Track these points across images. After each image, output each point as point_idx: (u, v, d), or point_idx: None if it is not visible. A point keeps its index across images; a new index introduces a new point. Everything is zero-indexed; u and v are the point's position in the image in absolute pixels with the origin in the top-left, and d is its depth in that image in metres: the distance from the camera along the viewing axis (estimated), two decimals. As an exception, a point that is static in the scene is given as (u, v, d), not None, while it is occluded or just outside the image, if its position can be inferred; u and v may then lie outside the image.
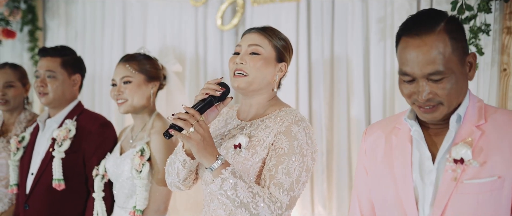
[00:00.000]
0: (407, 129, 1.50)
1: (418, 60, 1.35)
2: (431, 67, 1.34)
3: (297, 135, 1.64)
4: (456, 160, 1.36)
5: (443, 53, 1.34)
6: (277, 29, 1.83)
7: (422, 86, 1.37)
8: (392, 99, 2.67)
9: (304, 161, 1.63)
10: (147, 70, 2.35)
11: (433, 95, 1.37)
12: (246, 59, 1.73)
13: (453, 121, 1.40)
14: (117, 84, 2.33)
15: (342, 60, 2.81)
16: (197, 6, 3.21)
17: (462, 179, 1.35)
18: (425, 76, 1.36)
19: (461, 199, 1.35)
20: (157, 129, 2.28)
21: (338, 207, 2.81)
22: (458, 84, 1.38)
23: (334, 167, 2.83)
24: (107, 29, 3.61)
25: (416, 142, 1.47)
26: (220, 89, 1.69)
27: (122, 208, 2.30)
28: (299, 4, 2.90)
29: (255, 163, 1.65)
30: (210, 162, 1.57)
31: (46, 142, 2.55)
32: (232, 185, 1.54)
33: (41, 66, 2.57)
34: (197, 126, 1.56)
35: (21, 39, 3.89)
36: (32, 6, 3.80)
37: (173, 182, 1.82)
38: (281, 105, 1.80)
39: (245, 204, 1.55)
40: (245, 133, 1.71)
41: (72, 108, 2.61)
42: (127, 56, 2.41)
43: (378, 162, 1.54)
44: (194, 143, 1.55)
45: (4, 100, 2.90)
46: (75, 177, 2.46)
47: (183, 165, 1.73)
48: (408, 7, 2.60)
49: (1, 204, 2.86)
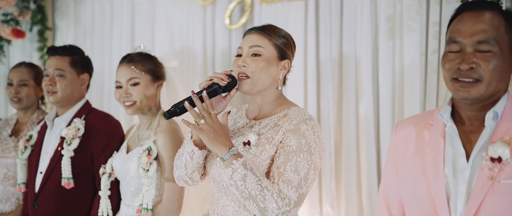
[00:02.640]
0: (441, 125, 1.47)
1: (472, 28, 1.38)
2: (483, 35, 1.36)
3: (305, 133, 1.64)
4: (493, 158, 1.33)
5: (497, 28, 1.38)
6: (277, 27, 1.82)
7: (468, 54, 1.38)
8: (401, 98, 2.66)
9: (312, 159, 1.64)
10: (152, 69, 2.34)
11: (476, 66, 1.36)
12: (248, 61, 1.73)
13: (489, 118, 1.38)
14: (123, 86, 2.30)
15: (350, 59, 2.80)
16: (205, 5, 3.22)
17: (499, 179, 1.32)
18: (474, 43, 1.37)
19: (497, 199, 1.32)
20: (163, 128, 2.28)
21: (346, 206, 2.80)
22: (503, 68, 1.38)
23: (342, 166, 2.83)
24: (115, 29, 3.63)
25: (450, 138, 1.44)
26: (226, 78, 1.71)
27: (129, 206, 2.30)
28: (308, 3, 2.90)
29: (263, 160, 1.66)
30: (223, 152, 1.61)
31: (54, 140, 2.56)
32: (242, 176, 1.57)
33: (50, 65, 2.58)
34: (208, 118, 1.62)
35: (31, 39, 3.92)
36: (42, 6, 3.83)
37: (181, 176, 1.83)
38: (289, 104, 1.81)
39: (253, 197, 1.57)
40: (254, 131, 1.73)
41: (80, 107, 2.62)
42: (129, 56, 2.36)
43: (409, 158, 1.51)
44: (205, 134, 1.61)
45: (17, 98, 2.93)
46: (83, 176, 2.47)
47: (190, 156, 1.75)
48: (417, 6, 2.60)
49: (8, 203, 2.88)
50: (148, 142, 2.24)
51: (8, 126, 3.00)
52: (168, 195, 2.22)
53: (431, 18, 2.56)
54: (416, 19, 2.60)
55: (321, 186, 2.86)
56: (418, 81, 2.59)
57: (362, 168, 2.76)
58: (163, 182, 2.22)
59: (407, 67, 2.63)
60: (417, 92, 2.60)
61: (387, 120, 2.69)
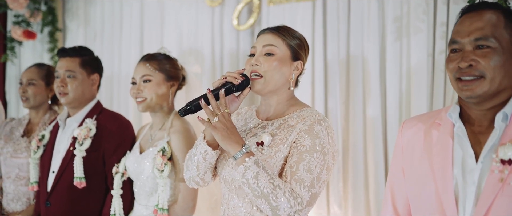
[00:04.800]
0: (449, 125, 1.46)
1: (469, 27, 1.40)
2: (479, 32, 1.38)
3: (319, 134, 1.64)
4: (503, 160, 1.32)
5: (495, 25, 1.38)
6: (291, 28, 1.83)
7: (467, 52, 1.39)
8: (408, 99, 2.66)
9: (325, 159, 1.63)
10: (166, 69, 2.37)
11: (476, 63, 1.37)
12: (261, 60, 1.74)
13: (498, 120, 1.37)
14: (137, 82, 2.36)
15: (358, 60, 2.80)
16: (213, 6, 3.24)
17: (509, 181, 1.30)
18: (472, 41, 1.38)
19: (507, 201, 1.30)
20: (177, 128, 2.30)
21: (354, 206, 2.80)
22: (505, 64, 1.38)
23: (350, 166, 2.83)
24: (125, 30, 3.66)
25: (459, 139, 1.42)
26: (240, 77, 1.71)
27: (144, 206, 2.33)
28: (315, 4, 2.90)
29: (277, 161, 1.66)
30: (235, 150, 1.62)
31: (66, 140, 2.59)
32: (254, 174, 1.57)
33: (60, 66, 2.61)
34: (221, 116, 1.64)
35: (42, 40, 3.97)
36: (52, 7, 3.88)
37: (192, 177, 1.83)
38: (301, 105, 1.81)
39: (265, 195, 1.57)
40: (267, 131, 1.73)
41: (92, 107, 2.65)
42: (148, 55, 2.43)
43: (416, 158, 1.50)
44: (218, 132, 1.63)
45: (24, 97, 2.98)
46: (95, 175, 2.50)
47: (203, 157, 1.75)
48: (424, 6, 2.59)
49: (19, 203, 2.92)
50: (162, 142, 2.27)
51: (20, 126, 3.04)
52: (183, 196, 2.24)
53: (438, 18, 2.56)
54: (423, 20, 2.60)
55: (328, 186, 2.87)
56: (425, 82, 2.59)
57: (370, 168, 2.76)
58: (178, 182, 2.25)
59: (414, 67, 2.62)
60: (424, 92, 2.60)
61: (394, 120, 2.69)
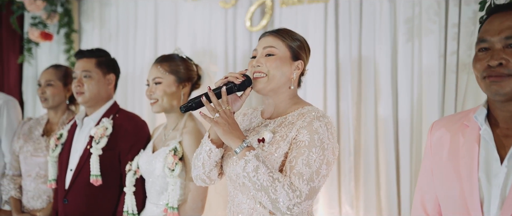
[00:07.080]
0: (476, 128, 1.46)
1: (499, 26, 1.39)
2: (510, 30, 1.37)
3: (318, 129, 1.68)
4: None
5: None
6: (291, 31, 1.88)
7: (497, 50, 1.38)
8: (420, 99, 2.67)
9: (324, 154, 1.67)
10: (178, 71, 2.41)
11: (506, 61, 1.36)
12: (262, 61, 1.80)
13: None
14: (150, 84, 2.41)
15: (369, 61, 2.81)
16: (226, 8, 3.26)
17: None
18: (502, 39, 1.37)
19: None
20: (189, 129, 2.34)
21: (365, 206, 2.81)
22: None
23: (361, 166, 2.84)
24: (139, 31, 3.70)
25: (484, 141, 1.43)
26: (241, 77, 1.77)
27: (154, 204, 2.36)
28: (327, 5, 2.92)
29: (278, 157, 1.71)
30: (236, 144, 1.68)
31: (84, 139, 2.65)
32: (254, 168, 1.63)
33: (77, 67, 2.68)
34: (222, 112, 1.70)
35: (58, 41, 4.03)
36: (68, 9, 3.93)
37: (199, 175, 1.89)
38: (303, 103, 1.86)
39: (264, 188, 1.62)
40: (269, 129, 1.78)
41: (109, 107, 2.71)
42: (161, 57, 2.47)
43: (444, 159, 1.51)
44: (220, 126, 1.69)
45: (43, 98, 3.05)
46: (111, 173, 2.55)
47: (208, 155, 1.81)
48: (436, 8, 2.59)
49: (39, 200, 2.99)
50: (174, 142, 2.30)
51: (39, 125, 3.11)
52: (193, 195, 2.27)
53: (450, 19, 2.56)
54: (435, 21, 2.60)
55: (340, 186, 2.88)
56: (437, 83, 2.60)
57: (381, 168, 2.77)
58: (188, 182, 2.28)
59: (426, 68, 2.63)
60: (435, 93, 2.60)
61: (405, 121, 2.70)
